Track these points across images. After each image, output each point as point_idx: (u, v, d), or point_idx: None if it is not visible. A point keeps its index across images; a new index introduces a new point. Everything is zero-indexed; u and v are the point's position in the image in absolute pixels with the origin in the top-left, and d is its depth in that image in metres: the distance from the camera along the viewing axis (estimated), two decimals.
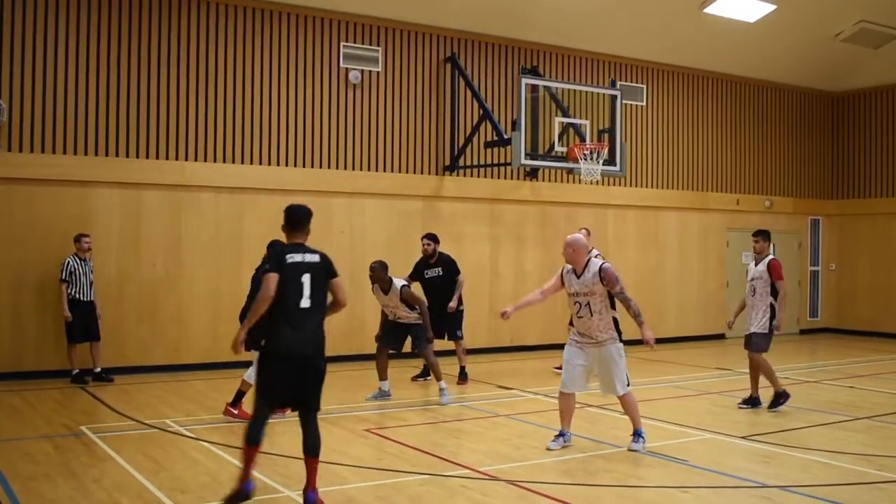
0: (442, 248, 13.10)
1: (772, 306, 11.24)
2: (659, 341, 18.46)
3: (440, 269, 12.75)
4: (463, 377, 12.92)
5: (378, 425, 9.84)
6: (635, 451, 8.48)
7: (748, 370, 11.44)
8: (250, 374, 9.68)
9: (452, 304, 12.67)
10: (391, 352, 11.67)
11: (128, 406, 10.78)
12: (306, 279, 6.63)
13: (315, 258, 6.82)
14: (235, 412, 9.90)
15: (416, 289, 12.32)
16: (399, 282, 11.39)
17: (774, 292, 11.28)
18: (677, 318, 19.41)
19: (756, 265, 11.48)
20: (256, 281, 10.22)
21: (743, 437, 9.33)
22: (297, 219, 6.95)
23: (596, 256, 12.78)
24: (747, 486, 7.39)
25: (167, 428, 9.56)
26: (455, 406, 11.20)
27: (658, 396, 12.07)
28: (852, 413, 10.86)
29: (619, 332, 8.67)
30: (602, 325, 8.50)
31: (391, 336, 11.63)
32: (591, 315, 8.47)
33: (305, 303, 6.59)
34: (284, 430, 9.51)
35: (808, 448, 8.78)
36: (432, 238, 12.91)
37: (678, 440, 9.22)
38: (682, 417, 10.41)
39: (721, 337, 20.01)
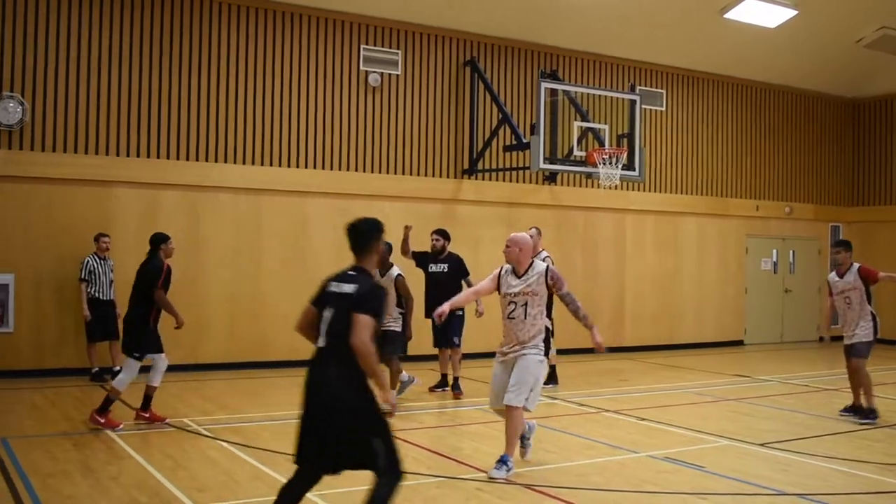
0: (460, 251, 13.02)
1: (872, 313, 10.90)
2: (676, 347, 18.54)
3: (446, 265, 12.26)
4: (457, 388, 12.15)
5: (394, 428, 9.81)
6: (495, 478, 7.59)
7: (849, 379, 11.18)
8: (119, 381, 9.53)
9: (481, 308, 12.18)
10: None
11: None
12: (328, 314, 5.47)
13: (348, 288, 5.45)
14: (102, 421, 9.44)
15: (419, 279, 12.28)
16: (397, 269, 11.36)
17: (869, 297, 10.77)
18: (695, 324, 19.34)
19: (842, 277, 10.96)
20: (142, 274, 10.02)
21: (761, 445, 9.28)
22: (352, 238, 5.68)
23: (545, 259, 12.71)
24: (765, 494, 7.35)
25: (185, 427, 9.60)
26: (472, 409, 11.20)
27: (676, 402, 12.04)
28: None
29: (548, 349, 8.31)
30: (533, 332, 7.87)
31: (379, 346, 11.52)
32: (525, 318, 7.82)
33: (321, 341, 5.49)
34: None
35: (828, 456, 8.72)
36: (441, 234, 12.48)
37: (696, 447, 9.19)
38: (699, 424, 10.36)
39: (740, 343, 19.95)
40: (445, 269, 12.25)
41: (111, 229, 13.23)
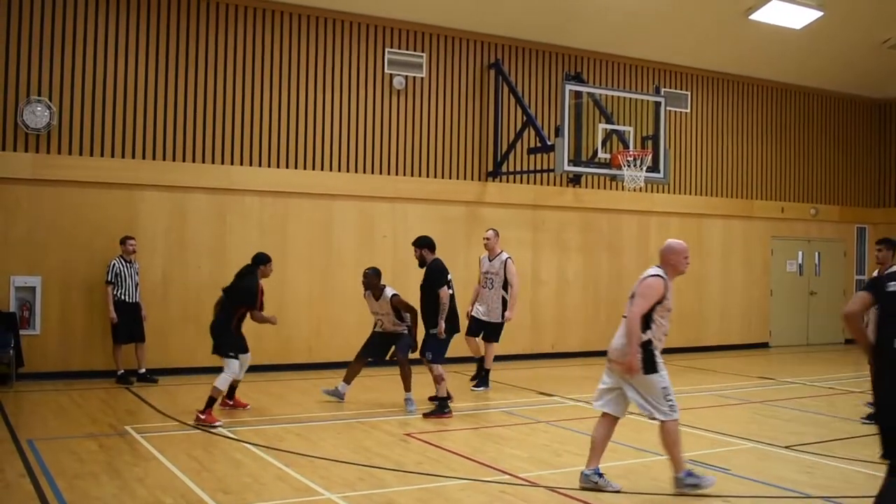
0: (477, 253, 12.93)
1: None
2: (702, 349, 18.49)
3: (424, 276, 11.18)
4: (443, 409, 10.74)
5: (419, 430, 9.86)
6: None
7: None
8: (222, 381, 10.06)
9: (440, 328, 10.72)
10: (370, 360, 11.57)
11: (171, 407, 10.92)
12: None
13: None
14: (203, 417, 9.87)
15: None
16: (390, 290, 11.17)
17: None
18: (720, 326, 19.25)
19: None
20: (236, 292, 10.60)
21: (786, 447, 9.24)
22: None
23: (506, 260, 12.64)
24: (790, 497, 7.31)
25: (210, 429, 9.65)
26: (496, 412, 11.21)
27: (700, 405, 11.99)
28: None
29: None
30: None
31: (374, 345, 11.46)
32: None
33: None
34: (325, 436, 9.59)
35: (853, 459, 8.66)
36: (416, 244, 11.22)
37: (720, 449, 9.16)
38: (724, 426, 10.32)
39: (765, 346, 19.83)
40: (423, 281, 11.18)
41: (138, 232, 13.33)
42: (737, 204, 19.59)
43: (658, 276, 7.38)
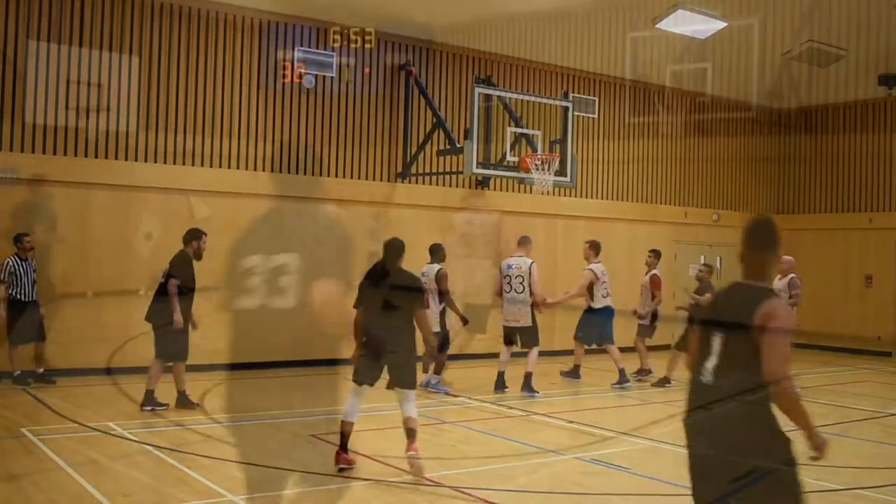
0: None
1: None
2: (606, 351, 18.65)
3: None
4: (185, 401, 11.02)
5: (324, 431, 9.80)
6: None
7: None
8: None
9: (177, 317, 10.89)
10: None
11: (70, 408, 10.66)
12: None
13: None
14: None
15: None
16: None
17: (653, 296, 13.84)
18: (625, 329, 19.52)
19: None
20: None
21: (684, 445, 9.43)
22: None
23: (531, 266, 12.72)
24: (688, 495, 7.46)
25: (110, 431, 9.46)
26: (400, 413, 11.19)
27: (601, 405, 12.20)
28: (792, 424, 10.99)
29: None
30: None
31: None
32: None
33: None
34: (228, 437, 9.48)
35: None
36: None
37: (620, 448, 9.32)
38: (624, 426, 10.52)
39: (666, 347, 20.20)
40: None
41: (36, 229, 12.92)
42: (641, 208, 19.97)
43: None
